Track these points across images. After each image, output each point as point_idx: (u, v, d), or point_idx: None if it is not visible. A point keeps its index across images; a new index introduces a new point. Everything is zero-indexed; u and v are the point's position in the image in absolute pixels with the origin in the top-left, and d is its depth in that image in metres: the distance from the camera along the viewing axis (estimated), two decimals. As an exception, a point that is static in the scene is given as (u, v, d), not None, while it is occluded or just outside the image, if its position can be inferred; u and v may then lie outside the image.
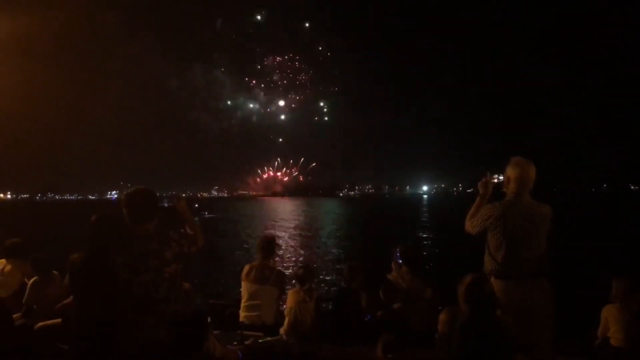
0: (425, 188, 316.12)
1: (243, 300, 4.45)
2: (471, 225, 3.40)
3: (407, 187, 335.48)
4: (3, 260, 4.96)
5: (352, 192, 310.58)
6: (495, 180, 3.49)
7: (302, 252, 24.02)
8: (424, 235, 32.04)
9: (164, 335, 2.78)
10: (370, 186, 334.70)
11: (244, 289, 4.45)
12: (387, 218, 54.04)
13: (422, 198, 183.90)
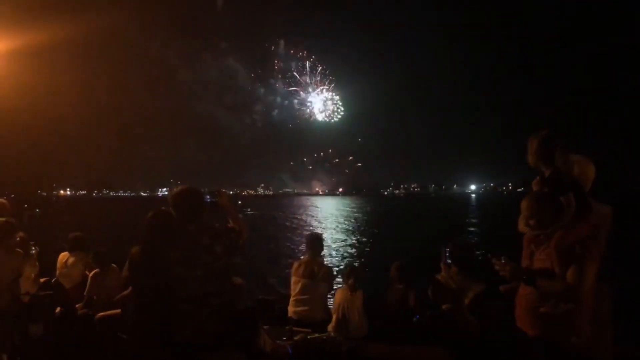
0: (473, 187, 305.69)
1: (292, 296, 4.52)
2: (525, 224, 3.28)
3: (454, 186, 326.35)
4: (66, 254, 5.25)
5: (397, 191, 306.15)
6: None
7: (347, 250, 24.00)
8: (472, 229, 31.23)
9: (217, 327, 2.86)
10: (415, 185, 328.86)
11: (293, 284, 4.52)
12: (433, 217, 53.11)
13: (469, 197, 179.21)
